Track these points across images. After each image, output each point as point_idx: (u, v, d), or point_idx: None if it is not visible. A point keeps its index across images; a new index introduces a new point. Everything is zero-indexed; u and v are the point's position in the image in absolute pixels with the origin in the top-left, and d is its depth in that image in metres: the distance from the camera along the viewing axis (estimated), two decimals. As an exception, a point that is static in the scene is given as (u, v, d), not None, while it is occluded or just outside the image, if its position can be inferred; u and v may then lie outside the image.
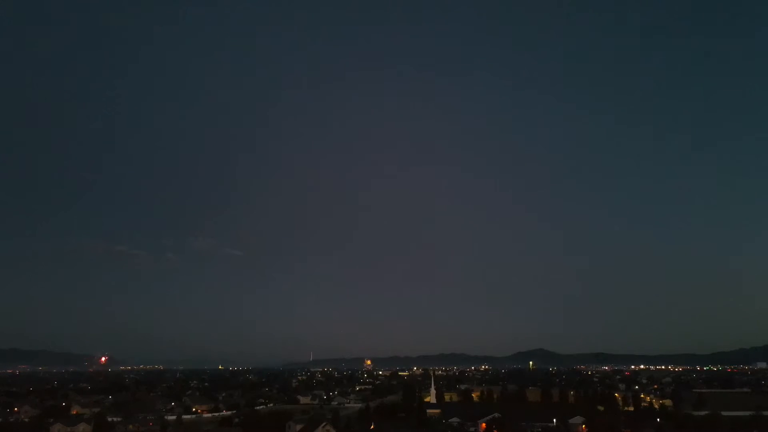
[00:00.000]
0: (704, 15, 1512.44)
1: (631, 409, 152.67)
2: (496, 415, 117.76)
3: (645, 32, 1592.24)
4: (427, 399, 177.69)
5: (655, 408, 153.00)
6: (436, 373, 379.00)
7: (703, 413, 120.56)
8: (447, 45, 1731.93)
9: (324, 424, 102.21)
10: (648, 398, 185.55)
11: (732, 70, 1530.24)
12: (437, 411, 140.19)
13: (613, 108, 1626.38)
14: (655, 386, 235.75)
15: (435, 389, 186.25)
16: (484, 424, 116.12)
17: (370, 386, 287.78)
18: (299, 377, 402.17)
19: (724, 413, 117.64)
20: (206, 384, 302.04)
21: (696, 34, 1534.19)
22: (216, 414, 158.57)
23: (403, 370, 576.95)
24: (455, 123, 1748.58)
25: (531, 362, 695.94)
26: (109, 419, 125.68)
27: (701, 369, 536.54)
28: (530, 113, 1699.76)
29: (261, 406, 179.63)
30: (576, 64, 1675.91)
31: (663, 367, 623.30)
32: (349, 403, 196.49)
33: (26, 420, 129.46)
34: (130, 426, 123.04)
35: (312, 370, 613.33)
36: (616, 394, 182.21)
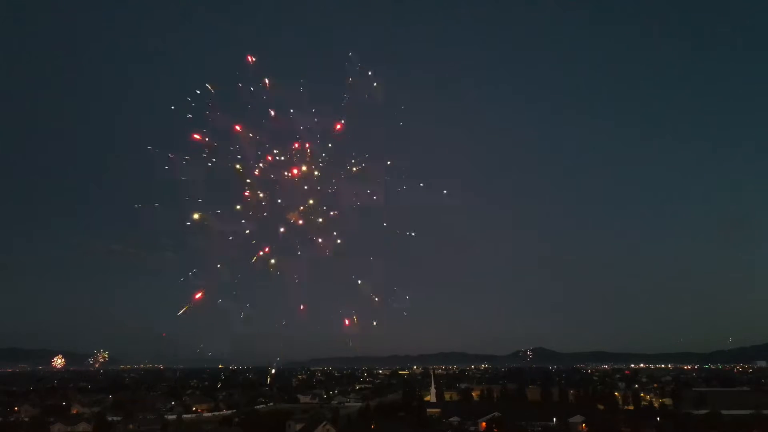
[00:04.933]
0: (713, 18, 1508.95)
1: (631, 407, 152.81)
2: (496, 414, 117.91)
3: (647, 34, 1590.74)
4: (427, 398, 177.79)
5: (655, 407, 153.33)
6: (436, 371, 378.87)
7: (703, 412, 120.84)
8: (447, 48, 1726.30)
9: (324, 423, 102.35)
10: (648, 397, 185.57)
11: (734, 71, 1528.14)
12: (437, 410, 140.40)
13: (610, 111, 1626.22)
14: (655, 385, 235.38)
15: (435, 388, 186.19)
16: (484, 423, 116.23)
17: (370, 385, 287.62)
18: (299, 376, 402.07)
19: (724, 412, 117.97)
20: (206, 383, 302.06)
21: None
22: (216, 413, 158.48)
23: (403, 369, 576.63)
24: (457, 126, 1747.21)
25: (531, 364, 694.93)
26: (109, 418, 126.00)
27: (701, 367, 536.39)
28: (530, 117, 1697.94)
29: (261, 406, 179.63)
30: (577, 66, 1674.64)
31: (663, 365, 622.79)
32: (349, 402, 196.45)
33: (26, 419, 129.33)
34: (130, 425, 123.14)
35: (312, 369, 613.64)
36: (616, 393, 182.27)
